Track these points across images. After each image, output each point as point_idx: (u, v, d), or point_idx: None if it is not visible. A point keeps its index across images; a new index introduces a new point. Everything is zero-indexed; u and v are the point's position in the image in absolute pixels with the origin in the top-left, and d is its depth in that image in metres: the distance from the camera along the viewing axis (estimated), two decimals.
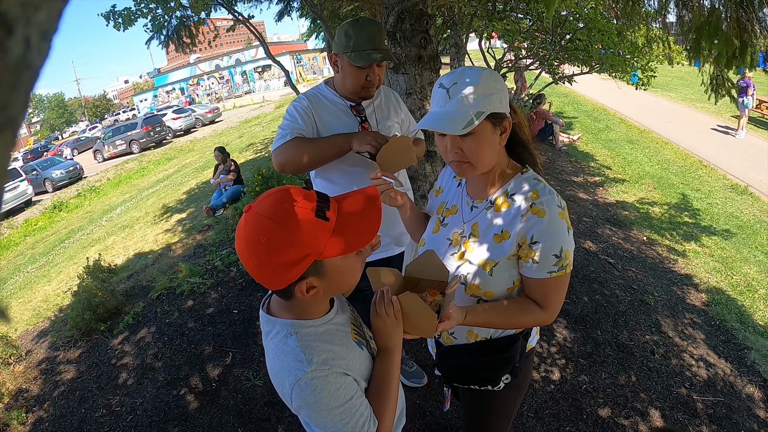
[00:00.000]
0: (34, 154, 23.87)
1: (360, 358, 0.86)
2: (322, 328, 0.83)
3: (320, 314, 0.85)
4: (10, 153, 0.18)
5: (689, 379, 2.41)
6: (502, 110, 0.95)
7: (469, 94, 0.91)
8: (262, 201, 0.75)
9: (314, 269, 0.75)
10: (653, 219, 4.99)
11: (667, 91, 12.83)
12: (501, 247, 0.99)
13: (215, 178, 6.24)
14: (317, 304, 0.85)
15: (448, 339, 1.15)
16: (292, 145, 1.42)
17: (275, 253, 0.72)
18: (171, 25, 3.98)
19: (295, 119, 1.49)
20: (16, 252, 8.40)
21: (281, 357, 0.78)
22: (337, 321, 0.88)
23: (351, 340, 0.88)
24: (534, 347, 1.21)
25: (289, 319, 0.82)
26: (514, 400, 1.25)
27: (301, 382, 0.75)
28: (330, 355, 0.79)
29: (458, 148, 0.96)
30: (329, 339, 0.82)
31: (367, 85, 1.51)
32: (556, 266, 0.95)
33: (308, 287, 0.76)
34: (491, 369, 1.10)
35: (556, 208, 0.95)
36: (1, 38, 0.16)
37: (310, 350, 0.77)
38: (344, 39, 1.46)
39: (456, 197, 1.14)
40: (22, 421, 2.53)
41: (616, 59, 5.15)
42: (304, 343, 0.78)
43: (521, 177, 1.02)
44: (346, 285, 0.85)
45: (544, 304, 1.00)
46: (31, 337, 3.60)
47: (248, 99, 28.46)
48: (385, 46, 1.49)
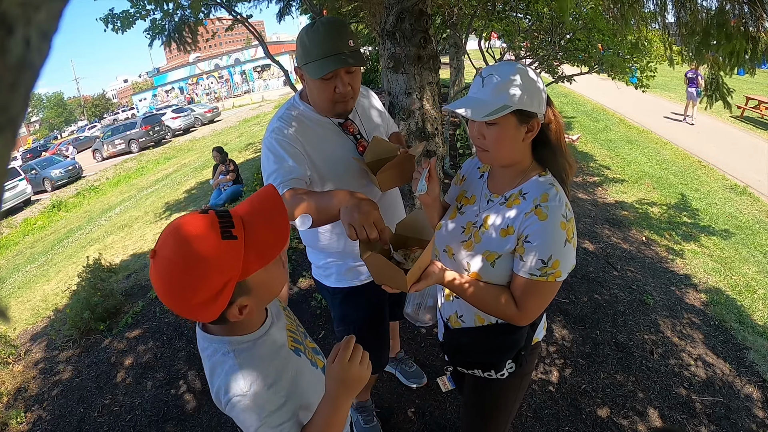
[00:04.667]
0: (33, 153, 23.85)
1: (298, 365, 0.87)
2: (259, 341, 0.82)
3: (255, 326, 0.84)
4: (10, 153, 0.18)
5: (688, 379, 2.42)
6: (533, 110, 0.96)
7: (500, 86, 0.94)
8: (164, 242, 0.70)
9: (239, 290, 0.72)
10: (652, 219, 5.00)
11: (666, 91, 12.84)
12: (505, 242, 1.01)
13: (214, 179, 6.24)
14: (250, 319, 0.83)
15: (456, 322, 1.18)
16: (288, 203, 1.10)
17: (196, 291, 0.68)
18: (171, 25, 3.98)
19: (281, 158, 1.22)
20: (15, 251, 8.39)
21: (220, 374, 0.77)
22: (273, 331, 0.87)
23: (288, 348, 0.88)
24: (540, 341, 1.22)
25: (225, 335, 0.80)
26: (516, 392, 1.26)
27: (234, 399, 0.74)
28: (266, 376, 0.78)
29: (481, 134, 1.01)
30: (266, 354, 0.82)
31: (339, 99, 1.25)
32: (539, 271, 0.96)
33: (240, 308, 0.74)
34: (496, 351, 1.12)
35: (560, 216, 0.95)
36: (2, 38, 0.16)
37: (247, 369, 0.77)
38: (300, 48, 1.22)
39: (476, 188, 1.17)
40: (21, 420, 2.52)
41: (615, 59, 5.14)
42: (242, 362, 0.77)
43: (538, 179, 1.03)
44: (274, 292, 0.83)
45: (519, 303, 1.01)
46: (29, 336, 3.60)
47: (247, 98, 28.46)
48: (350, 47, 1.20)
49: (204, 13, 3.93)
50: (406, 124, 2.45)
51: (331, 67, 1.17)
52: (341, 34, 1.19)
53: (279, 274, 0.82)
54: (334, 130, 1.35)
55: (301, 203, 1.08)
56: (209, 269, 0.68)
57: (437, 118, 2.52)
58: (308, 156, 1.27)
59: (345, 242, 1.43)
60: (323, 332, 2.70)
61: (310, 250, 1.57)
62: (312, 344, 1.01)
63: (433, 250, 1.05)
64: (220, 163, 6.24)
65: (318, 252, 1.51)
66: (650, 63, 5.43)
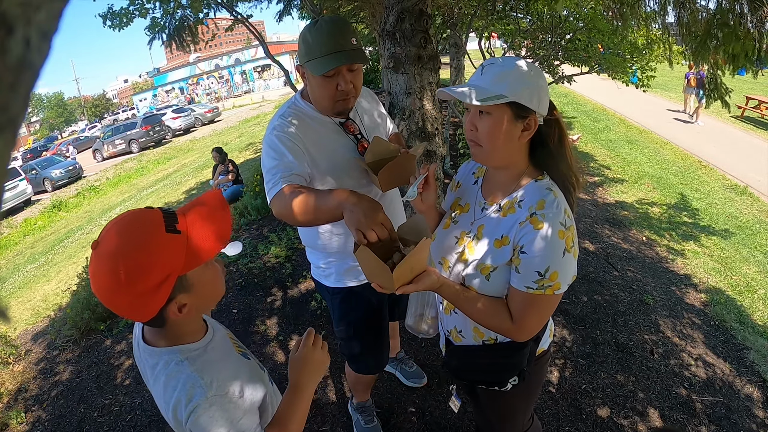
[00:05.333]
0: (34, 153, 23.86)
1: (249, 367, 0.89)
2: (210, 347, 0.84)
3: (199, 336, 0.85)
4: (10, 153, 0.18)
5: (688, 379, 2.42)
6: (531, 106, 0.90)
7: (500, 75, 0.90)
8: (108, 233, 0.71)
9: (180, 286, 0.73)
10: (652, 219, 5.00)
11: (666, 91, 12.84)
12: (500, 253, 0.96)
13: (214, 179, 6.25)
14: (192, 325, 0.84)
15: (457, 338, 1.15)
16: (284, 197, 1.12)
17: (137, 282, 0.68)
18: (171, 24, 3.98)
19: (282, 154, 1.22)
20: (16, 251, 8.39)
21: (176, 386, 0.75)
22: (218, 337, 0.89)
23: (236, 353, 0.89)
24: (547, 350, 1.17)
25: (173, 345, 0.80)
26: (525, 402, 1.23)
27: (199, 408, 0.73)
28: (224, 377, 0.79)
29: (474, 125, 0.95)
30: (219, 358, 0.83)
31: (340, 97, 1.25)
32: (535, 284, 0.91)
33: (179, 306, 0.74)
34: (497, 372, 1.10)
35: (557, 224, 0.89)
36: (2, 38, 0.16)
37: (207, 374, 0.77)
38: (303, 46, 1.23)
39: (471, 195, 1.12)
40: (21, 420, 2.52)
41: (615, 59, 5.14)
42: (199, 367, 0.78)
43: (534, 184, 0.97)
44: (214, 294, 0.84)
45: (515, 317, 0.96)
46: (30, 336, 3.60)
47: (248, 98, 28.47)
48: (353, 45, 1.21)
49: (204, 12, 3.92)
50: (406, 124, 2.45)
51: (333, 64, 1.18)
52: (343, 32, 1.20)
53: (217, 274, 0.83)
54: (335, 129, 1.34)
55: (299, 200, 1.07)
56: (151, 260, 0.69)
57: (437, 118, 2.52)
58: (309, 154, 1.26)
59: (345, 242, 1.42)
60: (323, 332, 2.70)
61: (309, 250, 1.57)
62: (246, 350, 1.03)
63: (429, 258, 1.03)
64: (220, 163, 6.25)
65: (318, 252, 1.51)
66: (650, 63, 5.43)
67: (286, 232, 4.02)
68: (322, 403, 2.22)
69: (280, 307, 3.03)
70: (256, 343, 2.70)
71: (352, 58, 1.20)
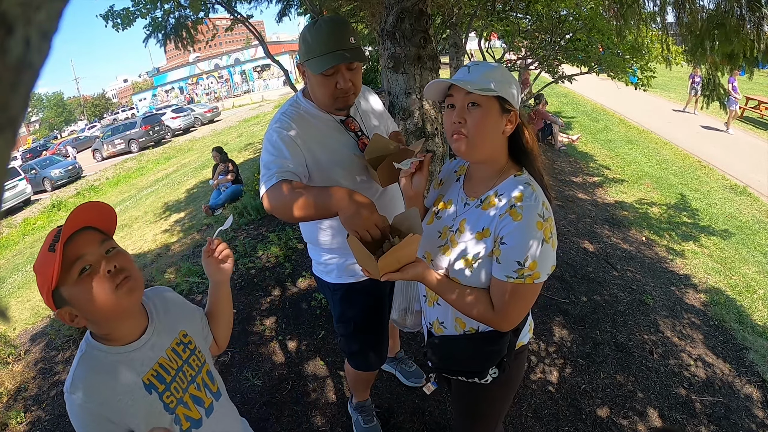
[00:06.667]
0: (33, 153, 23.84)
1: (141, 401, 0.86)
2: (112, 358, 0.86)
3: (124, 341, 0.89)
4: (10, 152, 0.18)
5: (688, 379, 2.42)
6: (513, 103, 0.99)
7: (486, 74, 0.97)
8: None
9: (61, 299, 0.81)
10: (652, 219, 5.00)
11: (666, 91, 12.84)
12: (482, 245, 1.00)
13: (214, 179, 6.25)
14: (119, 329, 0.88)
15: (439, 329, 1.18)
16: (279, 191, 1.14)
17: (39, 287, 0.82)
18: (169, 24, 3.97)
19: (280, 152, 1.24)
20: (15, 251, 8.38)
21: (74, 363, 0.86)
22: (138, 355, 0.89)
23: (140, 380, 0.88)
24: (526, 345, 1.20)
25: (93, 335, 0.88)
26: (503, 397, 1.25)
27: (65, 399, 0.83)
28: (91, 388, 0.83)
29: (462, 117, 0.99)
30: (109, 371, 0.85)
31: (340, 95, 1.28)
32: (515, 273, 0.94)
33: (70, 316, 0.82)
34: (478, 360, 1.11)
35: (535, 216, 0.94)
36: (2, 38, 0.16)
37: (81, 375, 0.83)
38: (303, 45, 1.26)
39: (453, 192, 1.15)
40: (20, 420, 2.52)
41: (615, 60, 5.15)
42: (82, 364, 0.85)
43: (514, 179, 1.02)
44: (99, 309, 0.82)
45: (497, 307, 1.00)
46: (29, 336, 3.60)
47: (247, 98, 28.47)
48: (352, 44, 1.24)
49: (204, 12, 3.92)
50: (406, 124, 2.46)
51: (332, 63, 1.21)
52: (343, 32, 1.23)
53: (98, 290, 0.81)
54: (336, 127, 1.37)
55: (299, 197, 1.10)
56: (38, 273, 0.81)
57: (437, 118, 2.52)
58: (310, 152, 1.29)
59: (345, 239, 1.43)
60: (323, 332, 2.70)
61: (311, 247, 1.57)
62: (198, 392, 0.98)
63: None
64: (220, 163, 6.25)
65: (319, 248, 1.52)
66: (649, 63, 5.43)
67: (286, 232, 4.02)
68: (322, 403, 2.22)
69: (279, 307, 3.03)
70: (255, 343, 2.70)
71: (351, 57, 1.23)
